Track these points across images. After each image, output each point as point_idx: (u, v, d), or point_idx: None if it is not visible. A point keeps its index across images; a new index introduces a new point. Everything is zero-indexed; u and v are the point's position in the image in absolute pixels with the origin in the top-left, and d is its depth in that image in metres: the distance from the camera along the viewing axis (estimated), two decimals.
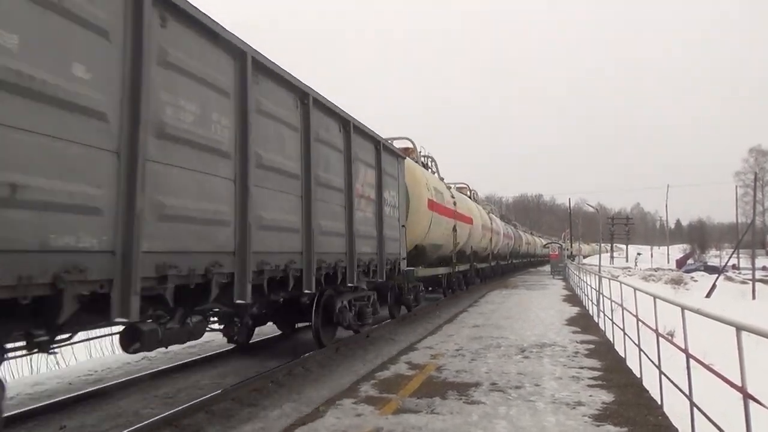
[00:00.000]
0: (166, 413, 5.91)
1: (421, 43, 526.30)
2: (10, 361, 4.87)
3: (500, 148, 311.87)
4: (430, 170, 18.49)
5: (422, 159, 18.33)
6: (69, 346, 5.46)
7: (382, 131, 12.11)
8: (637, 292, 8.93)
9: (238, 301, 6.00)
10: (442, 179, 19.73)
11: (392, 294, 13.54)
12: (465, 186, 26.51)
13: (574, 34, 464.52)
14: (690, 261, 71.55)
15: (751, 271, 39.93)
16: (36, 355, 5.20)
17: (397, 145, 15.40)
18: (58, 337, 4.72)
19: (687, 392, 5.65)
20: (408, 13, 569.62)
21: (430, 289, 19.36)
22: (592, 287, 16.05)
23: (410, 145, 17.32)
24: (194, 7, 5.27)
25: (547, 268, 47.89)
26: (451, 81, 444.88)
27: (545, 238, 77.35)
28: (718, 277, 39.71)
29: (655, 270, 61.24)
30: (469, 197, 25.09)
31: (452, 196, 18.52)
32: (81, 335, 5.38)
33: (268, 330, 11.69)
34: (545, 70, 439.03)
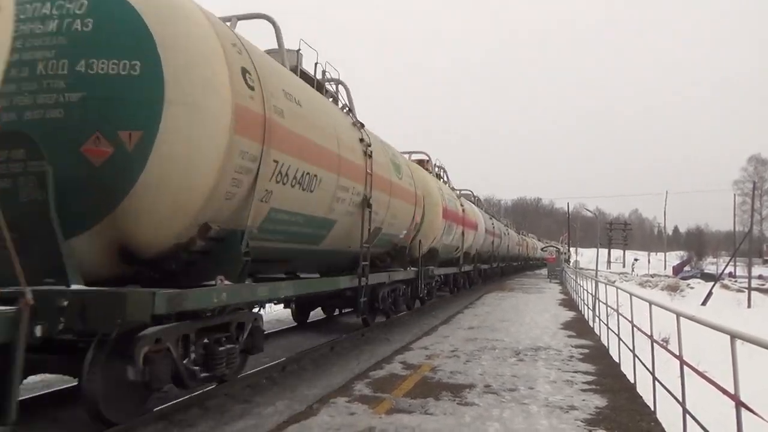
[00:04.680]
0: (161, 406, 5.91)
1: (430, 48, 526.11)
2: None
3: (499, 150, 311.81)
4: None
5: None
6: None
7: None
8: (633, 297, 8.95)
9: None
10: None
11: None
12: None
13: (574, 39, 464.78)
14: (687, 268, 71.72)
15: (747, 280, 39.97)
16: None
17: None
18: None
19: (680, 399, 5.66)
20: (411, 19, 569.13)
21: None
22: (588, 292, 16.08)
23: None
24: None
25: (544, 271, 47.97)
26: (452, 85, 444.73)
27: (543, 241, 77.40)
28: (714, 285, 39.77)
29: (652, 276, 61.33)
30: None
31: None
32: None
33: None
34: (545, 76, 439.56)
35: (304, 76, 8.74)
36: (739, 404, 4.17)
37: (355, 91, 10.49)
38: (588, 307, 15.55)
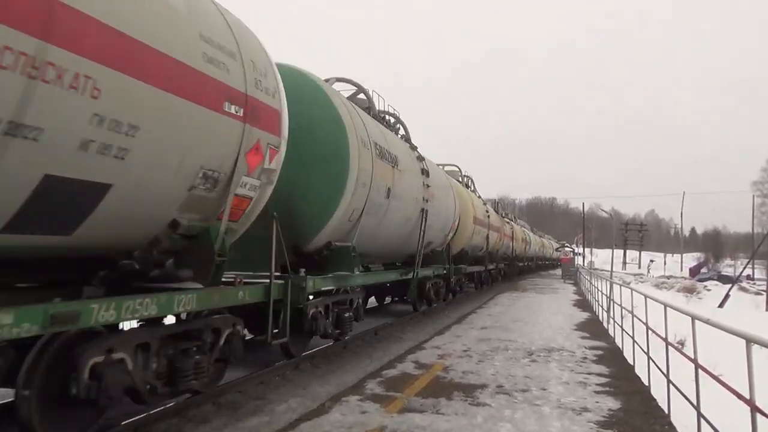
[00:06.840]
0: (173, 403, 5.97)
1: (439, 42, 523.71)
2: None
3: (499, 150, 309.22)
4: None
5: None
6: None
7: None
8: (648, 299, 8.87)
9: None
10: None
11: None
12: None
13: (592, 39, 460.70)
14: (703, 270, 70.70)
15: (765, 283, 39.41)
16: None
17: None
18: None
19: (695, 402, 5.62)
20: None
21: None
22: (603, 293, 15.96)
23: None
24: None
25: (559, 271, 47.73)
26: (452, 85, 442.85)
27: (558, 242, 76.93)
28: (731, 287, 39.24)
29: (668, 278, 60.70)
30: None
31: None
32: None
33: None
34: (562, 72, 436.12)
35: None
36: (755, 409, 4.13)
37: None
38: (602, 309, 15.45)
